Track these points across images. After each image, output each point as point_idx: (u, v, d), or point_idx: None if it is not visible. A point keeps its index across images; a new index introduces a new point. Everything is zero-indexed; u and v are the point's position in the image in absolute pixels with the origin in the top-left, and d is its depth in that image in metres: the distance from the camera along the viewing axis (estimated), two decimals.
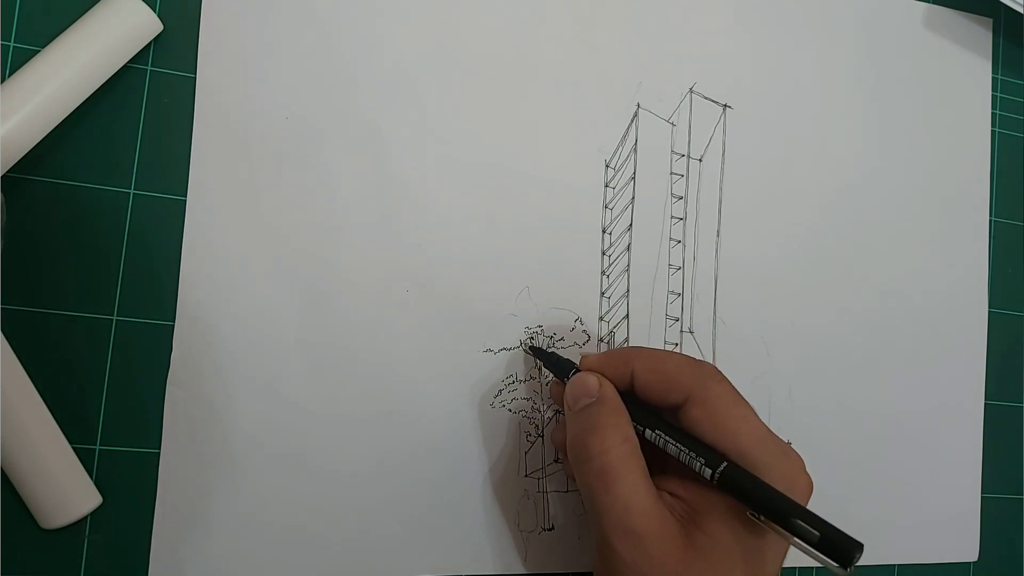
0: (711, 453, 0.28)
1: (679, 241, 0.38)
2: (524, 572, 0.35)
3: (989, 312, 0.43)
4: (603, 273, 0.36)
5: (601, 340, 0.36)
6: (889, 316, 0.41)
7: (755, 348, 0.38)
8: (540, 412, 0.35)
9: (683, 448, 0.28)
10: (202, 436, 0.31)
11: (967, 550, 0.41)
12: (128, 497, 0.31)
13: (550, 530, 0.35)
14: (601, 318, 0.36)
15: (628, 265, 0.37)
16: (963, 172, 0.43)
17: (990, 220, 0.43)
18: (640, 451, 0.29)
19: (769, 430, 0.29)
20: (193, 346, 0.31)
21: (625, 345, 0.36)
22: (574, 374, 0.31)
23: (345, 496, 0.33)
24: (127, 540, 0.31)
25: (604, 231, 0.37)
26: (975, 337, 0.42)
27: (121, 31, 0.30)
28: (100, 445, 0.31)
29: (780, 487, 0.27)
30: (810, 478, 0.28)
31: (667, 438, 0.29)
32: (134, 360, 0.31)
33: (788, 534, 0.26)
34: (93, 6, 0.30)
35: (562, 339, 0.36)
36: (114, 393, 0.31)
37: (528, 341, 0.35)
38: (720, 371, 0.30)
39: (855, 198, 0.41)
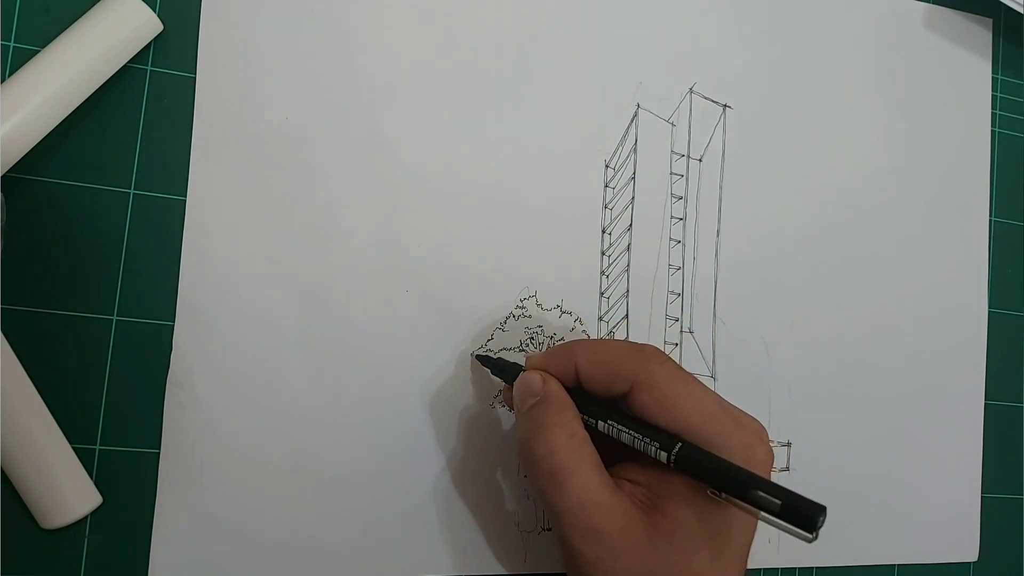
0: (664, 436, 0.27)
1: (679, 241, 0.38)
2: (524, 572, 0.35)
3: (989, 312, 0.43)
4: (603, 273, 0.36)
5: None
6: (889, 316, 0.41)
7: (755, 348, 0.38)
8: None
9: (636, 435, 0.28)
10: (202, 436, 0.31)
11: (967, 550, 0.41)
12: (128, 497, 0.31)
13: (549, 530, 0.35)
14: (601, 318, 0.36)
15: (628, 265, 0.37)
16: (963, 172, 0.43)
17: (990, 220, 0.43)
18: (591, 444, 0.28)
19: (722, 402, 0.28)
20: (193, 346, 0.31)
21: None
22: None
23: (345, 496, 0.33)
24: (127, 540, 0.31)
25: (604, 231, 0.36)
26: (975, 337, 0.42)
27: (121, 31, 0.30)
28: (100, 445, 0.31)
29: (737, 459, 0.26)
30: (770, 448, 0.28)
31: (619, 427, 0.28)
32: (134, 360, 0.31)
33: (750, 507, 0.25)
34: (93, 6, 0.30)
35: (562, 339, 0.36)
36: (114, 393, 0.31)
37: (528, 342, 0.35)
38: (661, 350, 0.29)
39: (855, 198, 0.41)
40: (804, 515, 0.24)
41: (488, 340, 0.35)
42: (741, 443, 0.27)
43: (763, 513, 0.25)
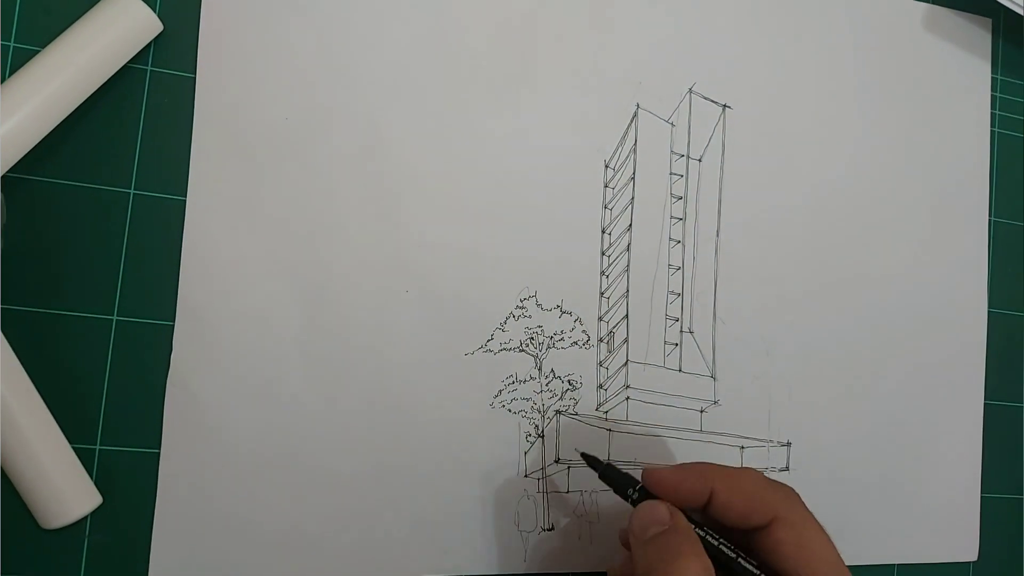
0: None
1: (679, 241, 0.38)
2: (524, 572, 0.35)
3: (989, 312, 0.43)
4: (603, 273, 0.36)
5: (601, 340, 0.36)
6: (889, 316, 0.41)
7: (755, 348, 0.38)
8: (540, 412, 0.35)
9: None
10: (202, 436, 0.31)
11: (967, 550, 0.41)
12: (128, 497, 0.31)
13: (550, 530, 0.35)
14: (600, 318, 0.36)
15: (628, 265, 0.37)
16: (963, 172, 0.43)
17: (990, 220, 0.43)
18: None
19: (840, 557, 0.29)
20: (193, 346, 0.31)
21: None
22: (635, 495, 0.30)
23: (345, 496, 0.33)
24: (127, 540, 0.31)
25: (604, 231, 0.37)
26: (975, 337, 0.42)
27: (121, 31, 0.30)
28: (100, 445, 0.31)
29: None
30: None
31: (747, 564, 0.28)
32: (134, 360, 0.31)
33: None
34: (93, 6, 0.30)
35: (562, 339, 0.36)
36: (114, 393, 0.31)
37: (528, 342, 0.35)
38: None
39: (855, 198, 0.41)
40: None
41: (488, 340, 0.35)
42: None
43: None
